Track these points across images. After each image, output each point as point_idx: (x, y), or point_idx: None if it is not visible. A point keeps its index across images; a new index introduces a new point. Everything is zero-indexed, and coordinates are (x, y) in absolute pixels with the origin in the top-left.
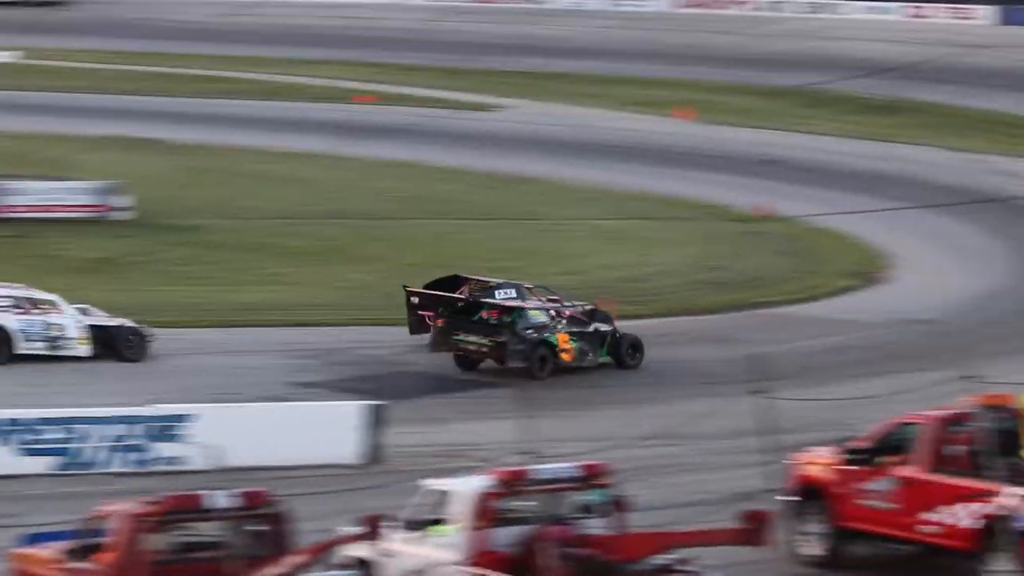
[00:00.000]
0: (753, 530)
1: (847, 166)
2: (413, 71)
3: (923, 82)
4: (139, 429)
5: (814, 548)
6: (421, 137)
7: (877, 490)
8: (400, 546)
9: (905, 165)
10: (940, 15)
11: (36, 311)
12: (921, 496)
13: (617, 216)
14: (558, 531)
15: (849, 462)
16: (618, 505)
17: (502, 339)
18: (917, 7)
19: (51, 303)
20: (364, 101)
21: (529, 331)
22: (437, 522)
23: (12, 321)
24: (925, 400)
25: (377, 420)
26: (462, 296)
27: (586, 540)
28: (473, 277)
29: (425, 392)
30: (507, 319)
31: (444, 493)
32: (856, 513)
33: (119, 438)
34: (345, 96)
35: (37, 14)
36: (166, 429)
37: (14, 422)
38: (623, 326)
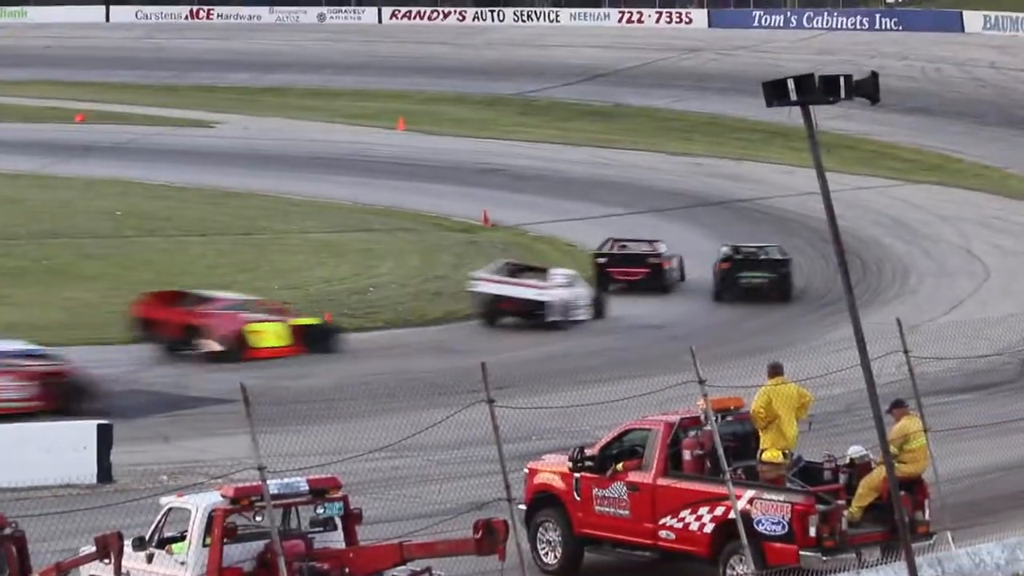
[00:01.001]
0: (488, 540)
1: (567, 173)
2: (125, 89)
3: (640, 87)
4: None
5: (552, 556)
6: (137, 155)
7: (611, 496)
8: (136, 564)
9: (625, 170)
10: (653, 20)
11: (571, 287)
12: (654, 502)
13: (338, 229)
14: (292, 545)
15: (583, 469)
16: (352, 518)
17: (786, 271)
18: (631, 12)
19: (575, 279)
20: (78, 120)
21: None
22: (174, 539)
23: (566, 295)
24: (656, 405)
25: (107, 439)
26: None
27: (321, 554)
28: (616, 239)
29: (153, 410)
30: (786, 257)
31: (179, 510)
32: (592, 520)
33: None
34: (65, 116)
35: None
36: None
37: None
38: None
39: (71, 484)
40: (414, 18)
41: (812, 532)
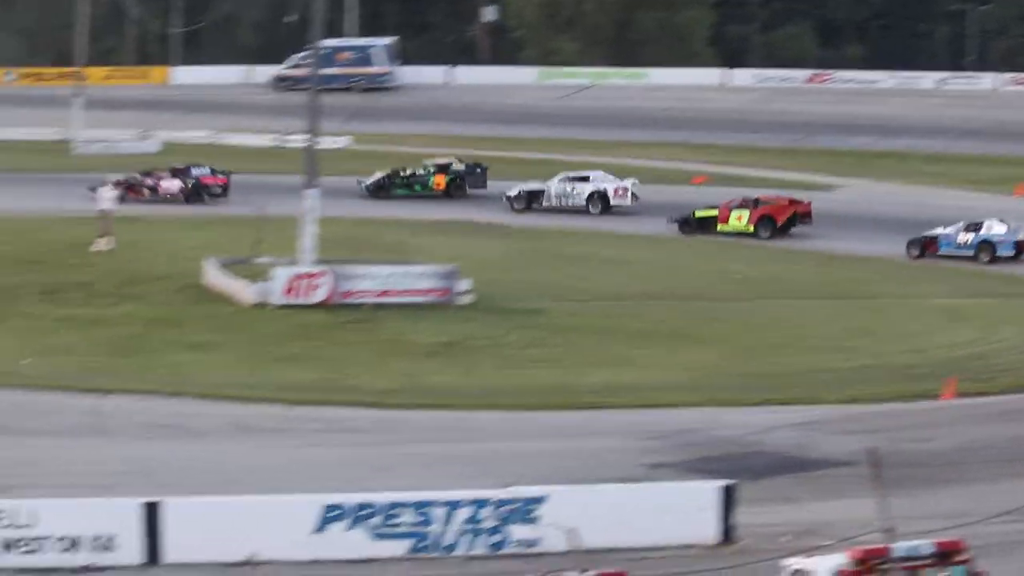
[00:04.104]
0: None
1: None
2: (743, 152)
3: None
4: (492, 511)
5: None
6: None
7: None
8: None
9: None
10: None
11: None
12: None
13: (957, 294)
14: None
15: None
16: None
17: None
18: None
19: None
20: (697, 182)
21: None
22: None
23: None
24: None
25: (730, 500)
26: None
27: None
28: None
29: (777, 471)
30: None
31: (803, 572)
32: None
33: (472, 521)
34: (683, 178)
35: (367, 100)
36: (520, 511)
37: (367, 506)
38: (966, 403)
39: (691, 544)
40: None
41: None
